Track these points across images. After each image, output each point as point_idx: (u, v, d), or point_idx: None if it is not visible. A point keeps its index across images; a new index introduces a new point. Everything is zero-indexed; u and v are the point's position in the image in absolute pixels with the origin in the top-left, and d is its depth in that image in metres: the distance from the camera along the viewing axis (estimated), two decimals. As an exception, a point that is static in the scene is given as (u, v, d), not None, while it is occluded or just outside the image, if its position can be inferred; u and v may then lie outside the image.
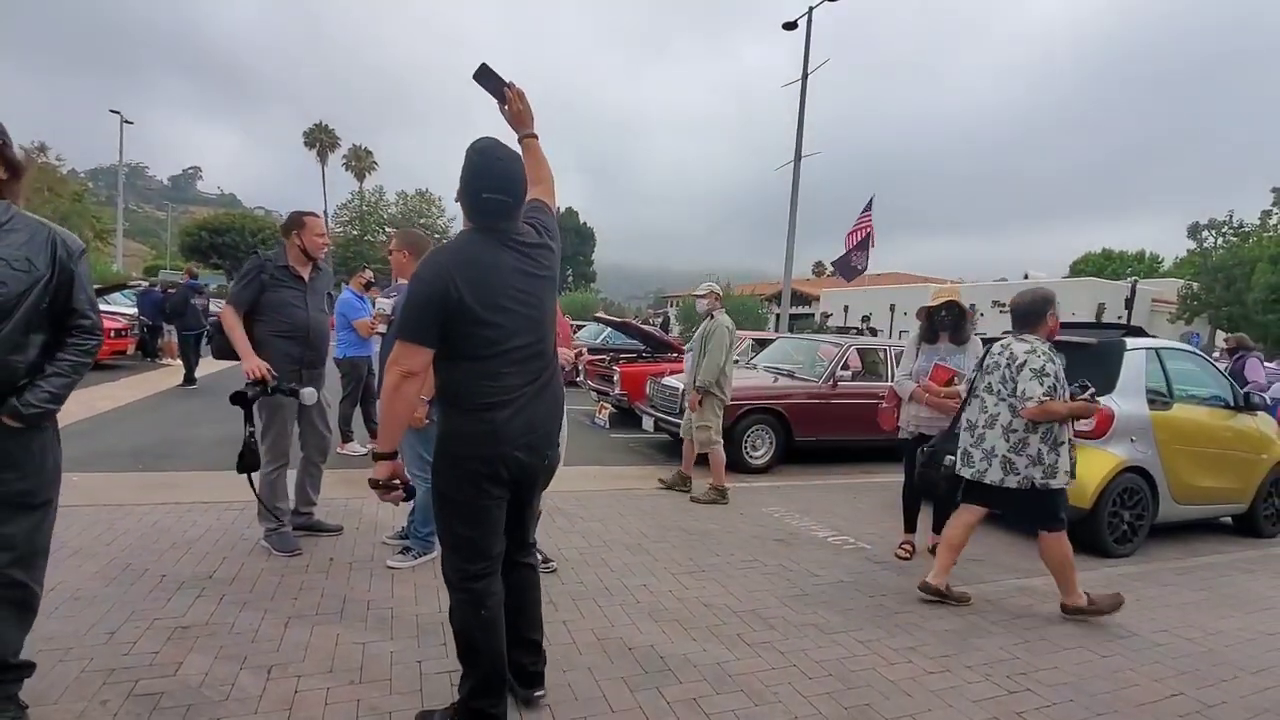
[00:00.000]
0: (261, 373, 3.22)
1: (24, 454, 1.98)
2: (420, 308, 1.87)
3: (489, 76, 2.17)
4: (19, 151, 2.05)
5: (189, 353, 10.18)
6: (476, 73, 2.17)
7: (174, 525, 3.85)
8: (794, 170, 16.22)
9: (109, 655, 2.45)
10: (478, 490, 1.97)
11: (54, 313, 2.01)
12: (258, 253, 3.59)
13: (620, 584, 3.46)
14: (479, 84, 2.17)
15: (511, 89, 2.20)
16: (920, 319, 4.27)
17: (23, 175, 1.99)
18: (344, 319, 6.05)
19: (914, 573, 3.94)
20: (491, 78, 2.17)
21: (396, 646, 2.66)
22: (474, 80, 2.16)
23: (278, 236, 3.76)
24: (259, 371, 3.22)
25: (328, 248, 3.65)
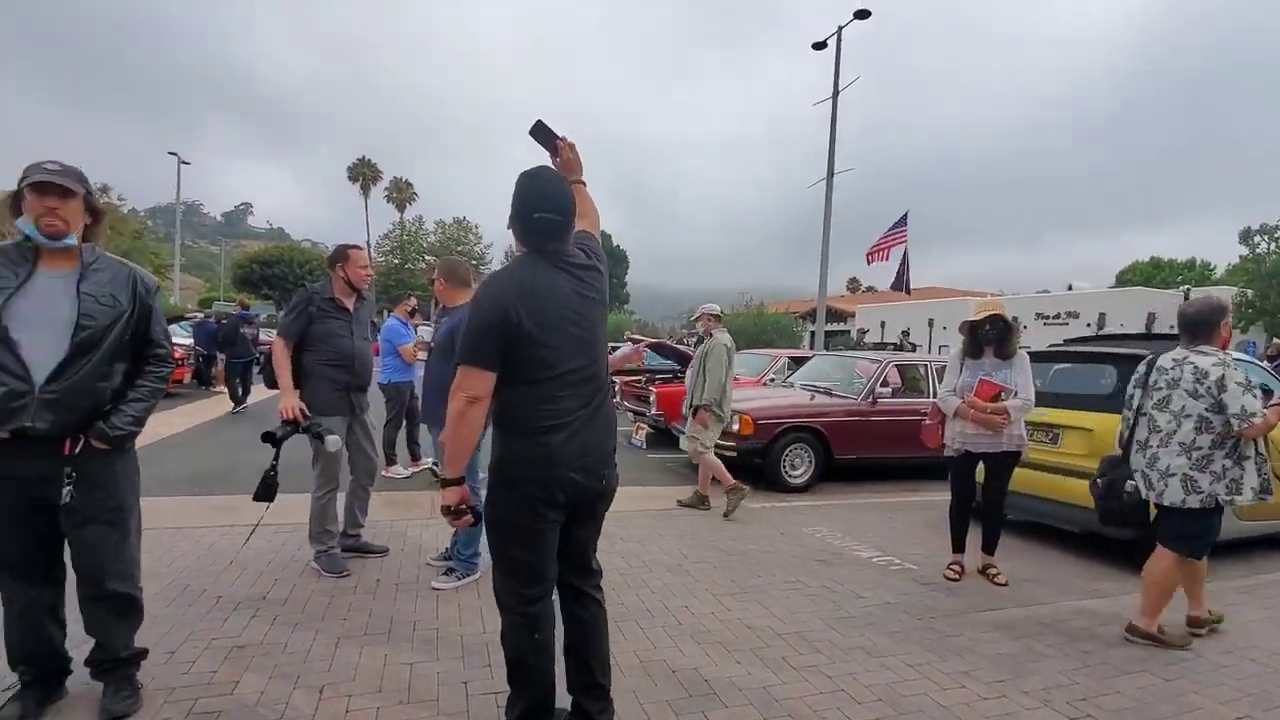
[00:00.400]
0: (294, 414, 3.36)
1: (110, 474, 2.20)
2: (482, 332, 1.89)
3: (544, 131, 2.27)
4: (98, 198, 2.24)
5: (234, 379, 10.58)
6: (532, 129, 2.26)
7: (229, 547, 3.98)
8: (827, 187, 16.17)
9: (170, 674, 2.54)
10: (534, 514, 1.96)
11: (134, 343, 2.23)
12: (305, 285, 3.74)
13: (661, 605, 3.44)
14: (534, 139, 2.27)
15: (564, 142, 2.29)
16: (963, 333, 4.19)
17: (103, 220, 2.23)
18: (390, 345, 6.22)
19: (964, 594, 3.83)
20: (545, 132, 2.27)
21: (442, 667, 2.69)
22: (530, 135, 2.25)
23: (324, 268, 3.92)
24: (291, 412, 3.35)
25: (370, 278, 3.79)
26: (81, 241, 2.16)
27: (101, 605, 2.26)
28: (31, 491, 2.09)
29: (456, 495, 2.01)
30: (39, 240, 2.07)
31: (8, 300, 2.00)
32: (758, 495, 6.21)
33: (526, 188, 2.01)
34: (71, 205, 2.09)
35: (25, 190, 2.05)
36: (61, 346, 2.04)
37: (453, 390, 1.91)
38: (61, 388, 2.03)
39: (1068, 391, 5.09)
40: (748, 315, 26.72)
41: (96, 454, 2.13)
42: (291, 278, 44.56)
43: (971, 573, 4.16)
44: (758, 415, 6.47)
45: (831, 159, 16.08)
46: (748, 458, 6.46)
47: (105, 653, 2.30)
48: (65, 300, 2.08)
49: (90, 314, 2.08)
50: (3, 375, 1.97)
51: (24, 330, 2.00)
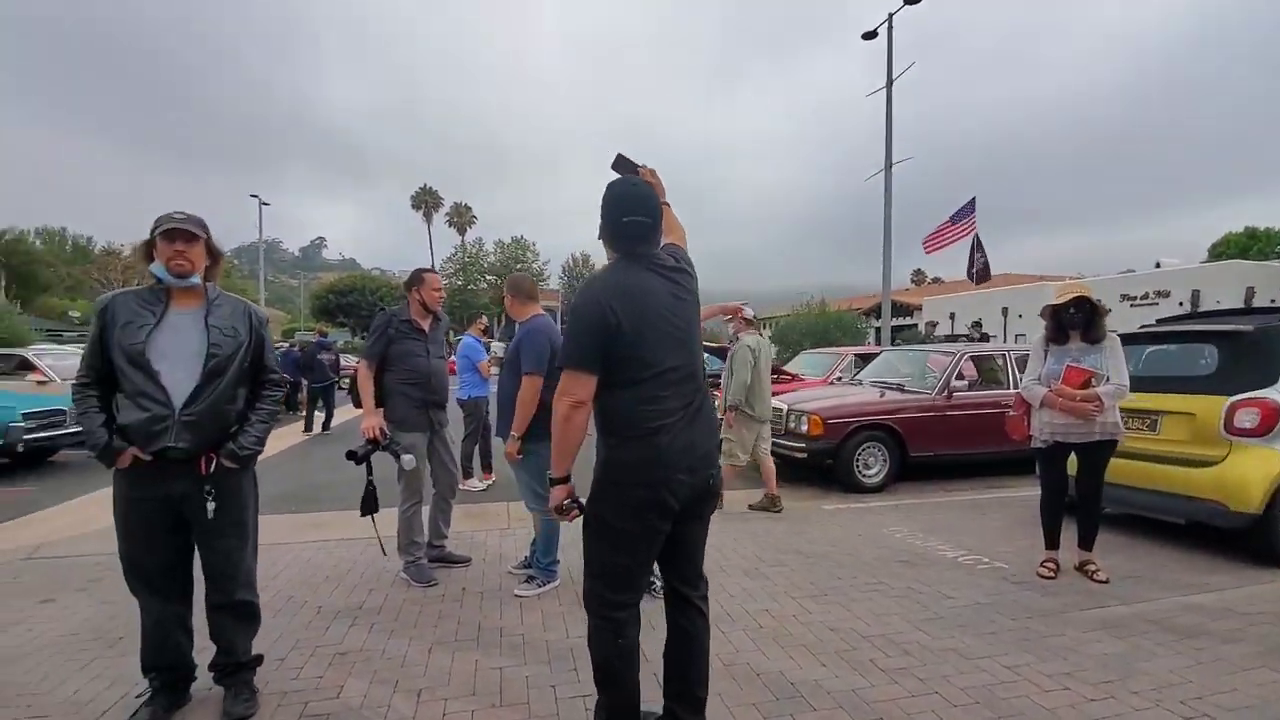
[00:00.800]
0: (374, 433, 3.55)
1: (237, 490, 2.43)
2: (581, 336, 1.91)
3: (624, 163, 2.33)
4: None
5: (313, 403, 11.17)
6: (614, 162, 2.33)
7: (325, 561, 4.21)
8: (885, 178, 15.73)
9: (281, 679, 2.71)
10: (640, 519, 1.95)
11: (252, 369, 2.47)
12: (384, 309, 3.94)
13: (741, 609, 3.42)
14: (616, 171, 2.32)
15: (645, 169, 2.34)
16: (1045, 319, 3.99)
17: (220, 261, 2.48)
18: (468, 361, 6.45)
19: (1061, 593, 3.63)
20: (626, 163, 2.33)
21: (531, 671, 2.77)
22: (612, 169, 2.31)
23: (394, 293, 4.14)
24: (372, 431, 3.55)
25: (443, 299, 3.96)
26: (204, 281, 2.39)
27: (227, 612, 2.46)
28: (172, 509, 2.31)
29: (564, 492, 2.03)
30: (168, 280, 2.31)
31: (149, 335, 2.24)
32: (832, 497, 6.09)
33: (616, 194, 2.06)
34: (195, 248, 2.33)
35: (156, 238, 2.29)
36: (194, 374, 2.28)
37: (556, 395, 1.93)
38: (196, 411, 2.26)
39: (1165, 374, 4.76)
40: (808, 314, 26.20)
41: (226, 472, 2.36)
42: (364, 305, 46.72)
43: (1068, 570, 3.95)
44: (827, 414, 6.34)
45: (889, 149, 15.63)
46: (818, 459, 6.34)
47: (228, 657, 2.49)
48: (195, 333, 2.32)
49: (217, 344, 2.33)
50: (147, 401, 2.21)
51: (163, 361, 2.25)
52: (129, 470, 2.27)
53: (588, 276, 2.13)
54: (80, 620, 3.29)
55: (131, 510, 2.31)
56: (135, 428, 2.22)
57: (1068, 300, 3.82)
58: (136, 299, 2.33)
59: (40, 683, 2.67)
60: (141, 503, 2.30)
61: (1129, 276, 27.30)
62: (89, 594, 3.64)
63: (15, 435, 7.13)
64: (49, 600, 3.56)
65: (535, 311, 3.68)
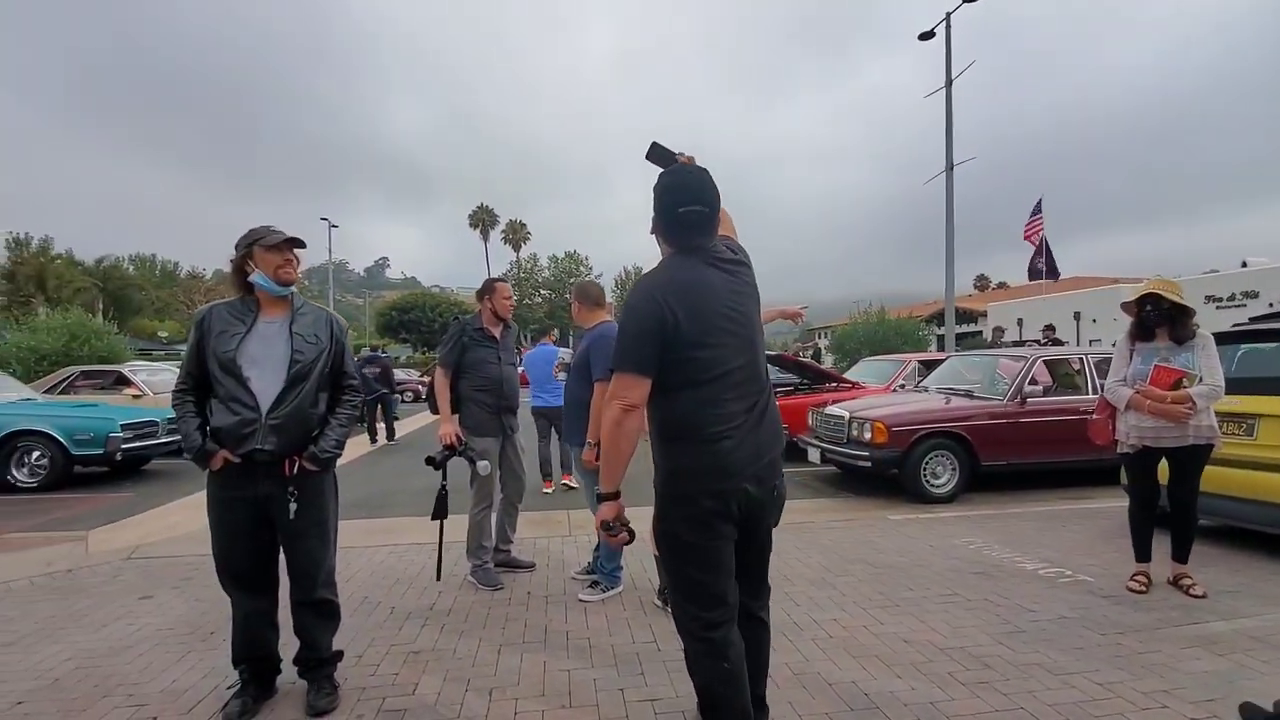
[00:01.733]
0: (451, 439, 3.67)
1: (319, 492, 2.55)
2: (636, 336, 1.78)
3: (660, 152, 2.14)
4: None
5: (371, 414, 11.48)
6: (649, 152, 2.15)
7: (396, 564, 4.35)
8: (946, 181, 15.27)
9: (360, 675, 2.80)
10: (709, 529, 1.81)
11: (332, 375, 2.59)
12: (458, 318, 4.08)
13: (809, 618, 3.35)
14: (651, 162, 2.14)
15: (685, 158, 2.11)
16: (1130, 315, 3.77)
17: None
18: (545, 370, 6.60)
19: (1154, 607, 3.40)
20: (663, 153, 2.14)
21: (598, 674, 2.78)
22: (647, 160, 2.14)
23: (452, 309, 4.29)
24: (449, 438, 3.67)
25: (513, 308, 4.07)
26: None
27: (310, 609, 2.56)
28: (259, 509, 2.44)
29: (613, 510, 1.89)
30: (273, 289, 2.47)
31: (239, 343, 2.39)
32: (899, 507, 5.90)
33: (669, 185, 1.90)
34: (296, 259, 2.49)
35: (257, 250, 2.45)
36: (279, 380, 2.41)
37: (608, 399, 1.81)
38: (282, 415, 2.39)
39: (1262, 375, 4.43)
40: (866, 322, 25.58)
41: (308, 474, 2.47)
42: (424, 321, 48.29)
43: (1160, 584, 3.70)
44: (892, 422, 6.16)
45: (950, 150, 15.18)
46: (883, 468, 6.16)
47: (311, 652, 2.59)
48: (281, 341, 2.46)
49: (301, 350, 2.46)
50: (237, 406, 2.35)
51: (252, 368, 2.39)
52: (221, 472, 2.41)
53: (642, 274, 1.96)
54: (176, 616, 3.49)
55: (223, 510, 2.45)
56: (226, 431, 2.36)
57: (1140, 297, 3.62)
58: (229, 310, 2.48)
59: (141, 673, 2.85)
60: (232, 503, 2.43)
61: (1214, 277, 25.51)
62: (182, 591, 3.87)
63: (114, 445, 7.65)
64: (147, 597, 3.80)
65: (602, 318, 3.73)
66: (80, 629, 3.33)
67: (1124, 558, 3.89)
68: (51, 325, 15.55)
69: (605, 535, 1.92)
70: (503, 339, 3.99)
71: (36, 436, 7.50)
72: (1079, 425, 4.47)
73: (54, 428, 7.53)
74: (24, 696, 2.65)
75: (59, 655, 3.02)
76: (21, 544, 5.04)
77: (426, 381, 21.76)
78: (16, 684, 2.75)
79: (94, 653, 3.05)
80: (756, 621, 2.07)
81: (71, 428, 7.59)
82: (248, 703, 2.50)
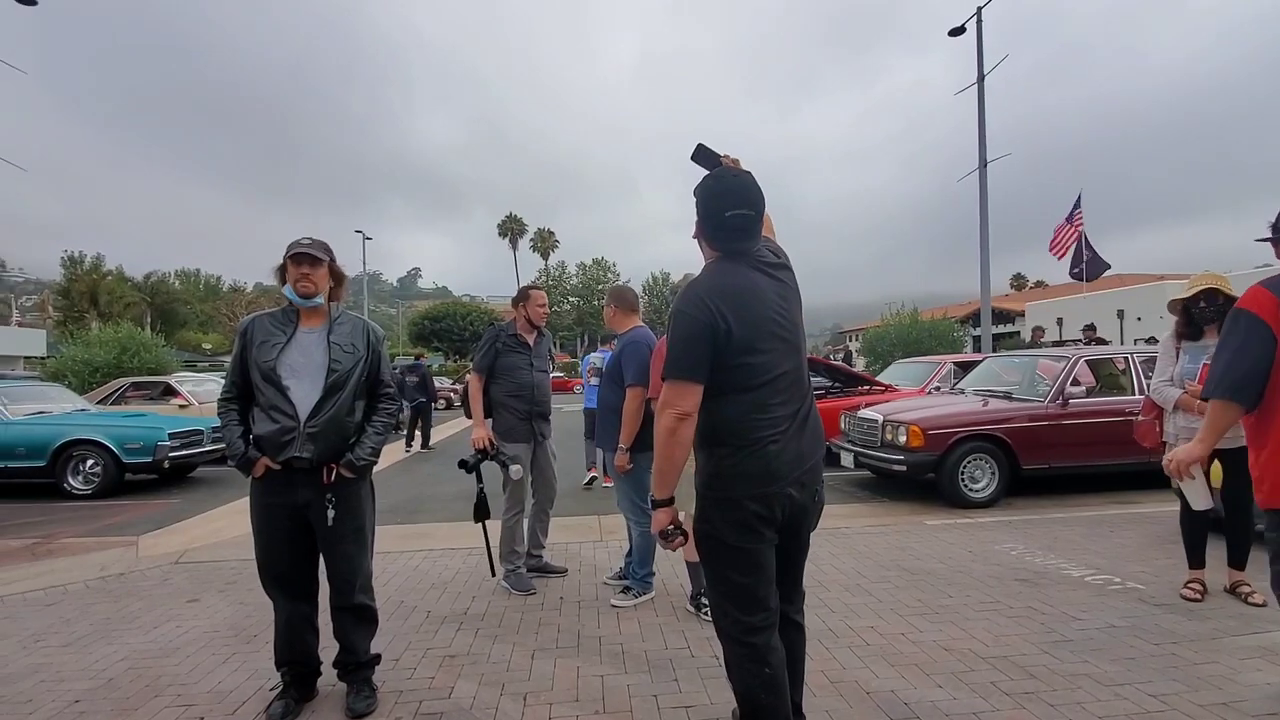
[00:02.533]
0: (483, 444, 3.71)
1: (357, 498, 2.59)
2: (689, 342, 1.77)
3: (706, 154, 2.13)
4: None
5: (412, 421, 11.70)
6: (694, 154, 2.14)
7: (430, 569, 4.41)
8: (980, 178, 14.95)
9: (397, 678, 2.84)
10: (752, 533, 1.81)
11: (368, 384, 2.63)
12: (494, 324, 4.14)
13: (845, 625, 3.29)
14: (697, 163, 2.14)
15: (729, 159, 2.11)
16: (1174, 313, 3.65)
17: (344, 283, 2.69)
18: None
19: (1210, 616, 3.27)
20: (708, 154, 2.13)
21: (632, 680, 2.77)
22: (692, 160, 2.13)
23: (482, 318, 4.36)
24: (481, 442, 3.72)
25: (547, 315, 4.12)
26: (328, 301, 2.60)
27: (349, 614, 2.61)
28: (299, 515, 2.50)
29: (668, 517, 1.89)
30: (295, 300, 2.53)
31: (280, 353, 2.45)
32: (936, 512, 5.77)
33: (715, 189, 1.89)
34: (319, 272, 2.54)
35: (287, 261, 2.51)
36: (317, 389, 2.46)
37: (660, 407, 1.80)
38: (319, 423, 2.44)
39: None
40: (899, 324, 25.12)
41: (346, 481, 2.52)
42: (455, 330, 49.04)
43: (1216, 592, 3.55)
44: (927, 425, 6.04)
45: (983, 147, 14.86)
46: (919, 471, 6.04)
47: (350, 656, 2.63)
48: (319, 350, 2.52)
49: (338, 360, 2.51)
50: (277, 414, 2.41)
51: (291, 377, 2.46)
52: (263, 479, 2.47)
53: (689, 280, 1.96)
54: (221, 619, 3.59)
55: (265, 516, 2.51)
56: (267, 438, 2.42)
57: (1196, 293, 3.49)
58: (271, 320, 2.55)
59: (189, 674, 2.93)
60: (273, 509, 2.49)
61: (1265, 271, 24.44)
62: (227, 595, 3.98)
63: (163, 453, 7.93)
64: (194, 600, 3.91)
65: (636, 323, 3.75)
66: (132, 630, 3.45)
67: (1176, 564, 3.74)
68: (104, 339, 16.22)
69: (662, 542, 1.93)
70: (536, 346, 4.03)
71: (91, 446, 7.81)
72: (1124, 427, 4.33)
73: (107, 437, 7.84)
74: (81, 695, 2.75)
75: (113, 656, 3.14)
76: (78, 548, 5.25)
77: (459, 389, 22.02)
78: (74, 683, 2.86)
79: (145, 654, 3.15)
80: (792, 625, 2.06)
81: (123, 437, 7.88)
82: (290, 704, 2.55)
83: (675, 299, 1.89)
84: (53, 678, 2.92)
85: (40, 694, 2.77)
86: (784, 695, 1.86)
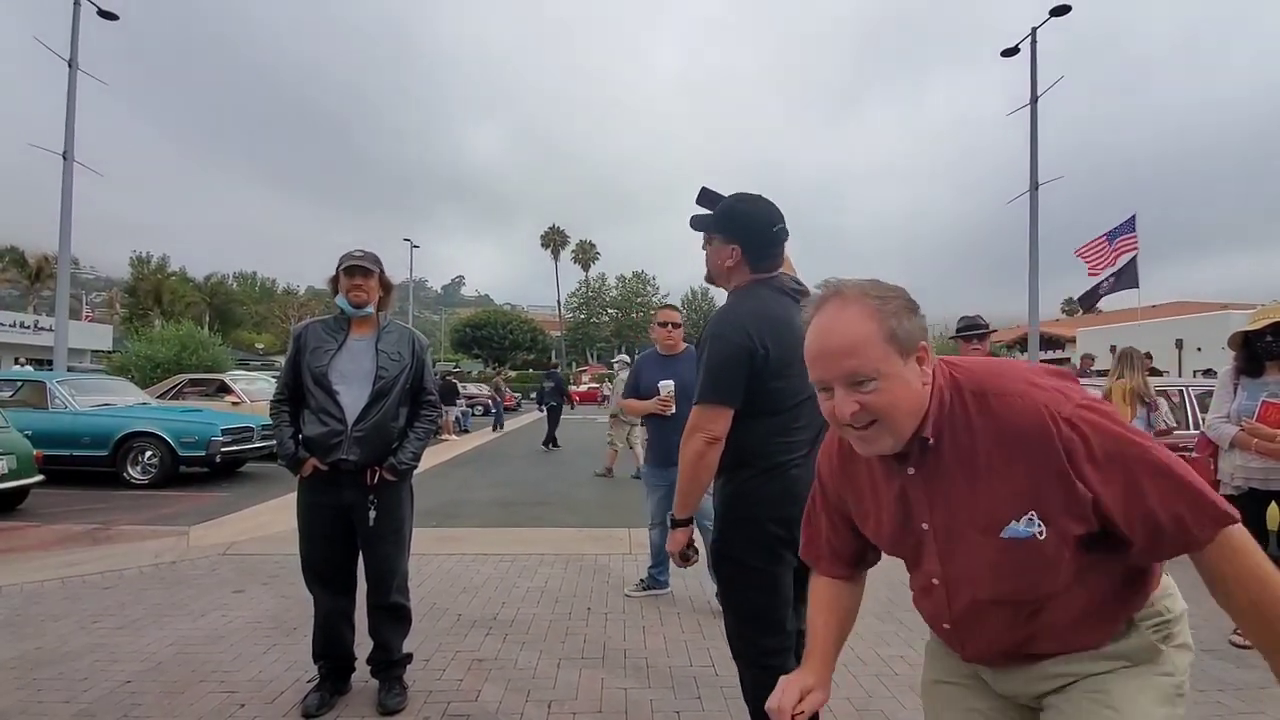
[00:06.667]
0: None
1: (397, 501, 2.70)
2: (730, 368, 1.80)
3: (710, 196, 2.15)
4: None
5: None
6: (699, 197, 2.17)
7: (463, 573, 4.51)
8: (1031, 200, 14.60)
9: (426, 679, 2.92)
10: (774, 555, 1.83)
11: (412, 391, 2.74)
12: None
13: (873, 654, 3.25)
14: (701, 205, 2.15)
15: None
16: (1234, 348, 3.52)
17: (393, 293, 2.81)
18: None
19: (1260, 665, 3.05)
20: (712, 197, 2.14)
21: (655, 695, 2.79)
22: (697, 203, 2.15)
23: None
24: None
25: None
26: (377, 310, 2.72)
27: (385, 612, 2.70)
28: (343, 515, 2.61)
29: (686, 536, 1.95)
30: (348, 310, 2.66)
31: (331, 359, 2.58)
32: (973, 541, 5.62)
33: (753, 210, 1.94)
34: (370, 282, 2.67)
35: (340, 273, 2.64)
36: (364, 394, 2.58)
37: (691, 430, 1.82)
38: (365, 427, 2.55)
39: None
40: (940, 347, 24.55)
41: (388, 484, 2.62)
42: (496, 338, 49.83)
43: (1273, 642, 3.37)
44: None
45: (1034, 169, 14.52)
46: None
47: (383, 653, 2.73)
48: (367, 357, 2.64)
49: (385, 367, 2.62)
50: (326, 418, 2.53)
51: (341, 382, 2.58)
52: (310, 478, 2.60)
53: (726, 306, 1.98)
54: (264, 610, 3.74)
55: (310, 514, 2.63)
56: (315, 440, 2.55)
57: (1264, 326, 3.35)
58: (324, 327, 2.69)
59: (233, 661, 3.07)
60: (318, 508, 2.61)
61: (1346, 303, 23.10)
62: (271, 588, 4.14)
63: (215, 448, 8.29)
64: (239, 591, 4.09)
65: None
66: (182, 617, 3.62)
67: (1228, 610, 3.57)
68: (165, 336, 17.05)
69: (680, 561, 1.98)
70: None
71: (149, 438, 8.22)
72: (1177, 463, 4.17)
73: (164, 430, 8.24)
74: (132, 676, 2.91)
75: (163, 640, 3.30)
76: (134, 536, 5.53)
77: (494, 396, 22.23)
78: (126, 664, 3.02)
79: (192, 640, 3.31)
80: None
81: (179, 431, 8.28)
82: (325, 697, 2.65)
83: (712, 323, 1.91)
84: (107, 658, 3.09)
85: (95, 673, 2.94)
86: None
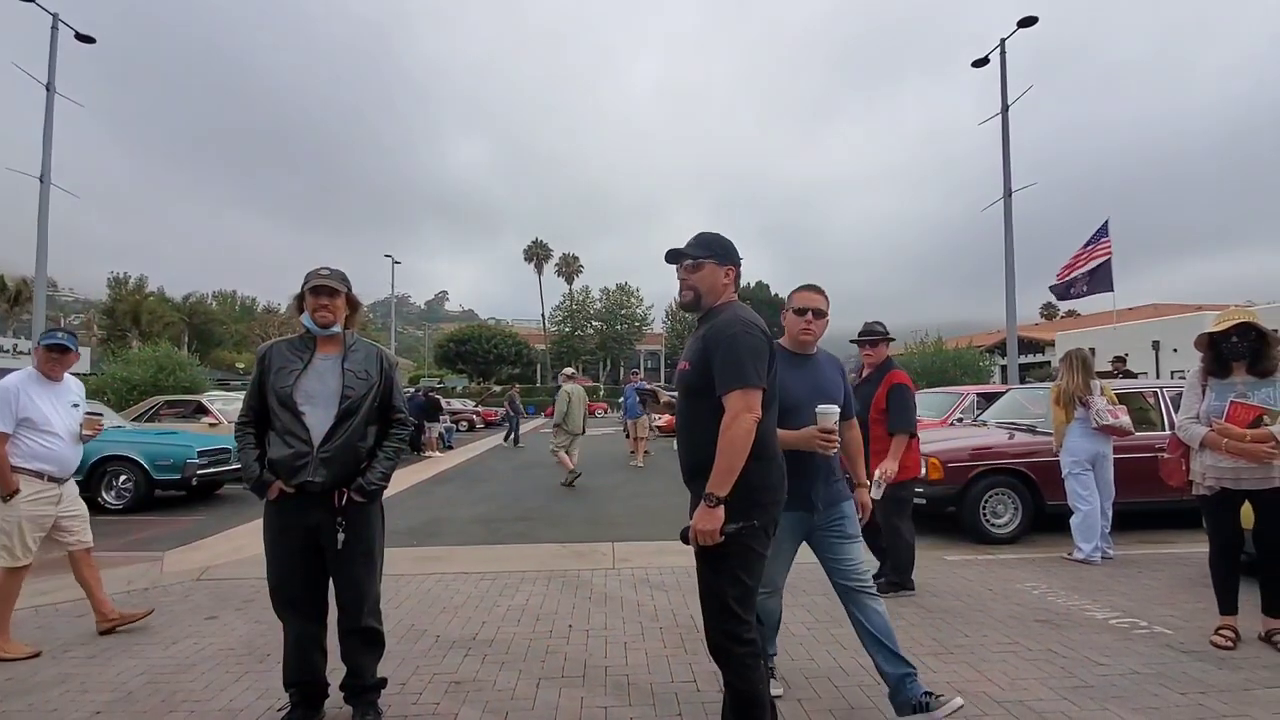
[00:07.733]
0: None
1: (366, 522, 2.64)
2: (757, 355, 2.06)
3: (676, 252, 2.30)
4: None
5: None
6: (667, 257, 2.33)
7: (442, 593, 4.43)
8: (1005, 208, 14.83)
9: (402, 703, 2.85)
10: (769, 539, 2.10)
11: (380, 410, 2.69)
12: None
13: (856, 664, 3.23)
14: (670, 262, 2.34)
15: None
16: (1201, 349, 3.57)
17: (359, 310, 2.77)
18: None
19: (1242, 665, 3.13)
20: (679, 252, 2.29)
21: (635, 713, 2.74)
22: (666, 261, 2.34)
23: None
24: None
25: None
26: (344, 329, 2.68)
27: (356, 637, 2.64)
28: (311, 538, 2.55)
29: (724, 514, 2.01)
30: (314, 330, 2.61)
31: (296, 379, 2.53)
32: (957, 547, 5.65)
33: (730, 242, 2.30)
34: (337, 301, 2.63)
35: (306, 292, 2.60)
36: (330, 414, 2.53)
37: (739, 412, 1.97)
38: (332, 448, 2.50)
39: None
40: (923, 352, 24.75)
41: (356, 505, 2.56)
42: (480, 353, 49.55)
43: (1250, 640, 3.41)
44: (947, 457, 5.93)
45: (1007, 176, 14.77)
46: (939, 505, 5.92)
47: (356, 679, 2.66)
48: (333, 377, 2.59)
49: (351, 386, 2.58)
50: (291, 439, 2.48)
51: (307, 403, 2.53)
52: (277, 501, 2.53)
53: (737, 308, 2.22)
54: (236, 637, 3.65)
55: (277, 538, 2.56)
56: (281, 462, 2.49)
57: (1228, 328, 3.41)
58: (289, 347, 2.64)
59: (203, 690, 2.98)
60: (286, 531, 2.55)
61: (1314, 302, 23.66)
62: (244, 613, 4.04)
63: (191, 470, 8.13)
64: (213, 617, 3.99)
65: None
66: (153, 645, 3.52)
67: (1207, 609, 3.61)
68: (142, 357, 16.77)
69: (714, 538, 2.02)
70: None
71: (123, 462, 8.04)
72: (1152, 464, 4.22)
73: (139, 453, 8.07)
74: (102, 707, 2.81)
75: (134, 669, 3.21)
76: (107, 563, 5.37)
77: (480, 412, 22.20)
78: (97, 694, 2.93)
79: (164, 669, 3.22)
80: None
81: (154, 453, 8.11)
82: None
83: (727, 322, 2.12)
84: (77, 688, 3.00)
85: (65, 703, 2.85)
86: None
